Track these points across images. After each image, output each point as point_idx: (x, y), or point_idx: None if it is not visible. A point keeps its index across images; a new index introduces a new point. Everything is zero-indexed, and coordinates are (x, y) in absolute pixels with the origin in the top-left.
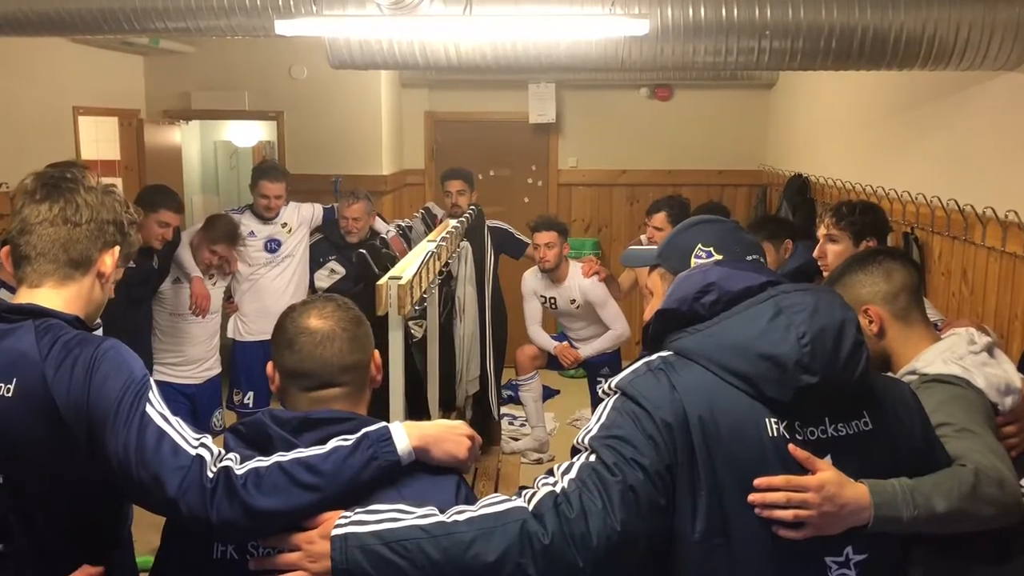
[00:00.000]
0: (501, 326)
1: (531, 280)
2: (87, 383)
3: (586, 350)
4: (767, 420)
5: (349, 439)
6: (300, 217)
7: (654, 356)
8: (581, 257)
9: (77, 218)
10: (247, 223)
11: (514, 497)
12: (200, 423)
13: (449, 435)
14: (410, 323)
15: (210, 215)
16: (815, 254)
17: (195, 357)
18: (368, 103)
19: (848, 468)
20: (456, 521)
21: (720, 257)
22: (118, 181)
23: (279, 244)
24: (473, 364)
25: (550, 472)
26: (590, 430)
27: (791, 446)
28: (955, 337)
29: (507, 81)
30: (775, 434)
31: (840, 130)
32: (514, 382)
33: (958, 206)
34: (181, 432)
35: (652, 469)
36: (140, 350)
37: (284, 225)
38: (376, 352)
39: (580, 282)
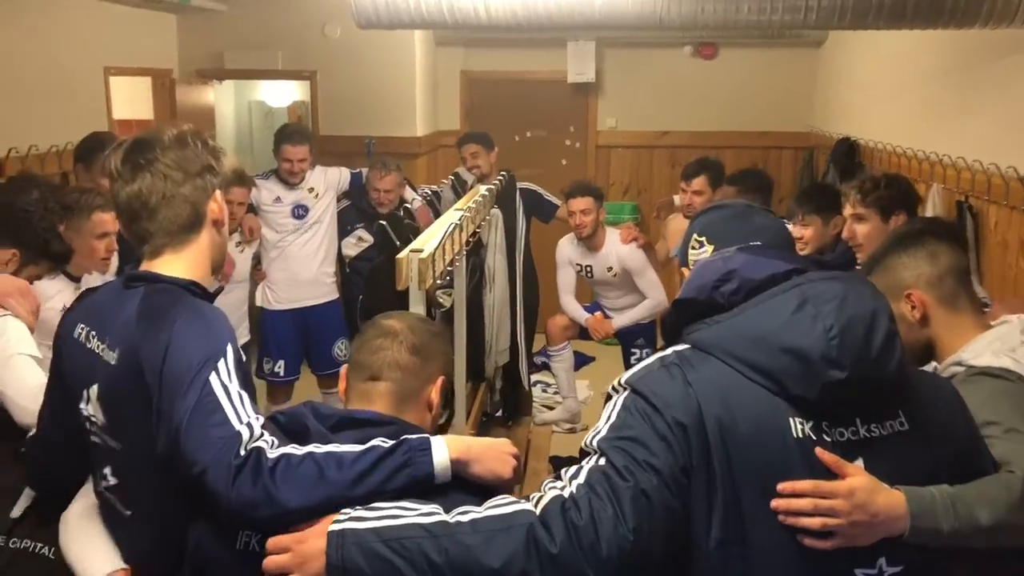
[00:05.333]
0: (532, 295)
1: (566, 248)
2: (165, 352)
3: (621, 320)
4: (791, 420)
5: (388, 441)
6: (327, 181)
7: (668, 350)
8: (619, 224)
9: (170, 188)
10: (272, 188)
11: (521, 500)
12: None
13: (493, 452)
14: (438, 292)
15: None
16: (844, 235)
17: None
18: (402, 62)
19: (882, 473)
20: (460, 522)
21: (711, 248)
22: None
23: (306, 210)
24: (503, 334)
25: (557, 476)
26: (599, 431)
27: (818, 449)
28: (1007, 326)
29: (545, 39)
30: (800, 435)
31: (891, 92)
32: (546, 351)
33: (1017, 174)
34: (236, 407)
35: (666, 472)
36: None
37: (311, 190)
38: (443, 378)
39: (618, 249)
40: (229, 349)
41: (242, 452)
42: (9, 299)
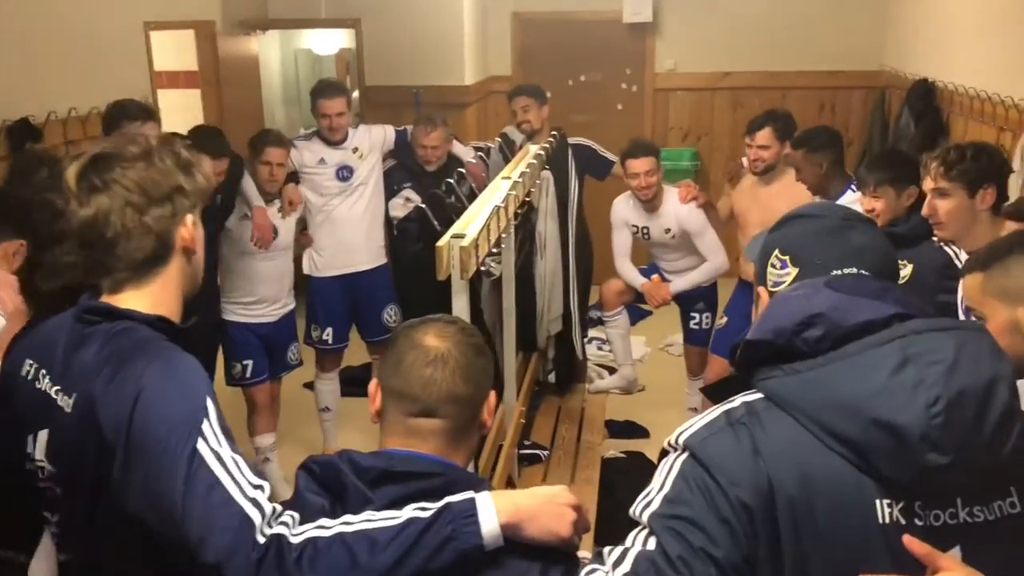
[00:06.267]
0: (586, 261)
1: (622, 208)
2: (132, 409)
3: (679, 284)
4: (878, 502)
5: (428, 509)
6: (371, 141)
7: (737, 402)
8: (677, 174)
9: (130, 217)
10: (316, 150)
11: None
12: (275, 360)
13: (548, 507)
14: (488, 259)
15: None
16: (924, 212)
17: (267, 297)
18: (449, 5)
19: (985, 565)
20: None
21: (796, 271)
22: (197, 94)
23: (351, 171)
24: (555, 303)
25: (599, 556)
26: (650, 499)
27: (906, 537)
28: None
29: None
30: (887, 520)
31: (976, 28)
32: (601, 316)
33: None
34: (236, 477)
35: (726, 562)
36: (205, 292)
37: (355, 150)
38: (493, 393)
39: (676, 209)
40: (210, 405)
41: (260, 539)
42: None
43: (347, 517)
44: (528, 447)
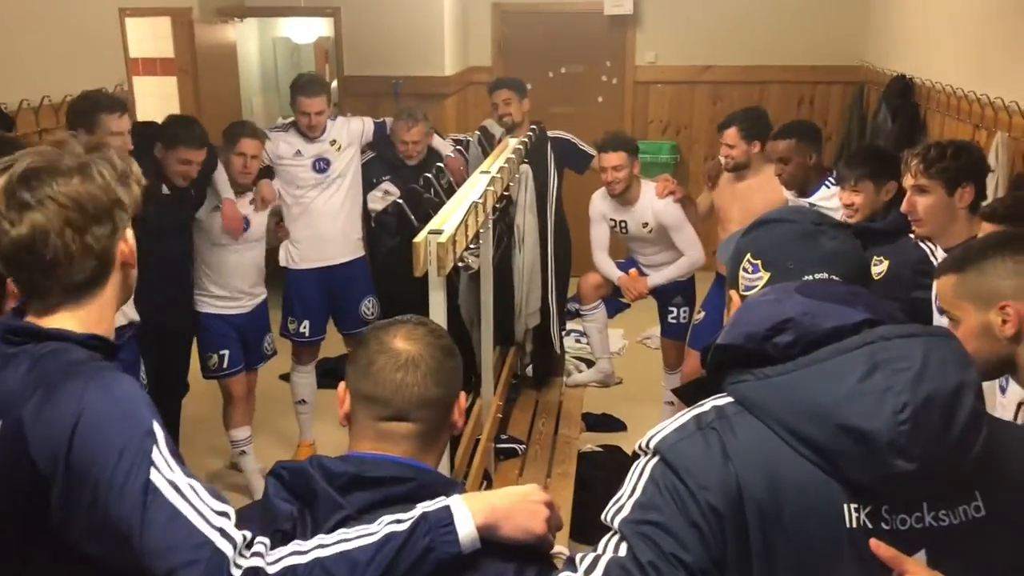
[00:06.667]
0: (564, 255)
1: (599, 202)
2: (70, 431)
3: (656, 278)
4: (846, 507)
5: (404, 521)
6: (350, 133)
7: (708, 406)
8: (655, 169)
9: (69, 240)
10: (292, 142)
11: None
12: (251, 351)
13: (522, 506)
14: (466, 253)
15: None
16: (903, 208)
17: (241, 288)
18: None
19: (949, 568)
20: None
21: (768, 276)
22: (173, 82)
23: (328, 163)
24: (533, 296)
25: (571, 562)
26: (621, 504)
27: (873, 541)
28: None
29: None
30: (854, 525)
31: (955, 25)
32: (578, 310)
33: None
34: (196, 505)
35: (696, 566)
36: (181, 283)
37: (333, 143)
38: (463, 394)
39: (654, 204)
40: (157, 429)
41: (235, 574)
42: None
43: (321, 538)
44: (505, 441)
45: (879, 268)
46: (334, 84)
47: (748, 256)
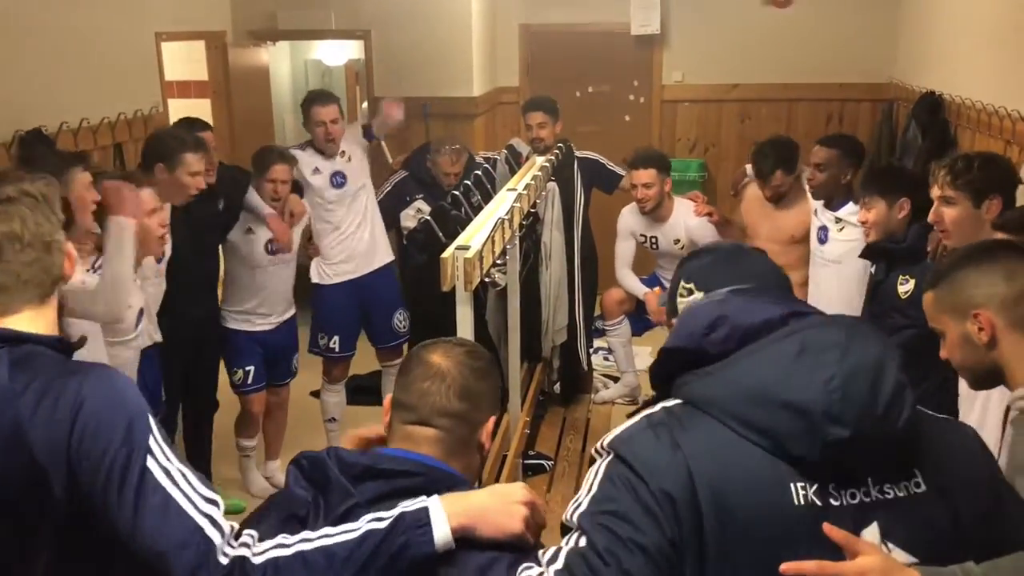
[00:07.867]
0: (591, 271)
1: (629, 218)
2: (70, 427)
3: None
4: (793, 485)
5: (384, 519)
6: (352, 141)
7: (657, 407)
8: (686, 184)
9: (47, 232)
10: (310, 160)
11: None
12: (278, 367)
13: (500, 506)
14: (493, 270)
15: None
16: (930, 219)
17: (270, 306)
18: (458, 17)
19: (899, 538)
20: None
21: (701, 295)
22: (207, 104)
23: (344, 177)
24: (560, 313)
25: (535, 556)
26: (579, 503)
27: (826, 525)
28: None
29: None
30: (803, 503)
31: (985, 41)
32: (603, 326)
33: None
34: (187, 493)
35: (653, 548)
36: (208, 300)
37: (343, 154)
38: (492, 419)
39: (687, 220)
40: (151, 420)
41: (223, 561)
42: None
43: (306, 533)
44: (533, 457)
45: (906, 287)
46: (364, 105)
47: (682, 283)
